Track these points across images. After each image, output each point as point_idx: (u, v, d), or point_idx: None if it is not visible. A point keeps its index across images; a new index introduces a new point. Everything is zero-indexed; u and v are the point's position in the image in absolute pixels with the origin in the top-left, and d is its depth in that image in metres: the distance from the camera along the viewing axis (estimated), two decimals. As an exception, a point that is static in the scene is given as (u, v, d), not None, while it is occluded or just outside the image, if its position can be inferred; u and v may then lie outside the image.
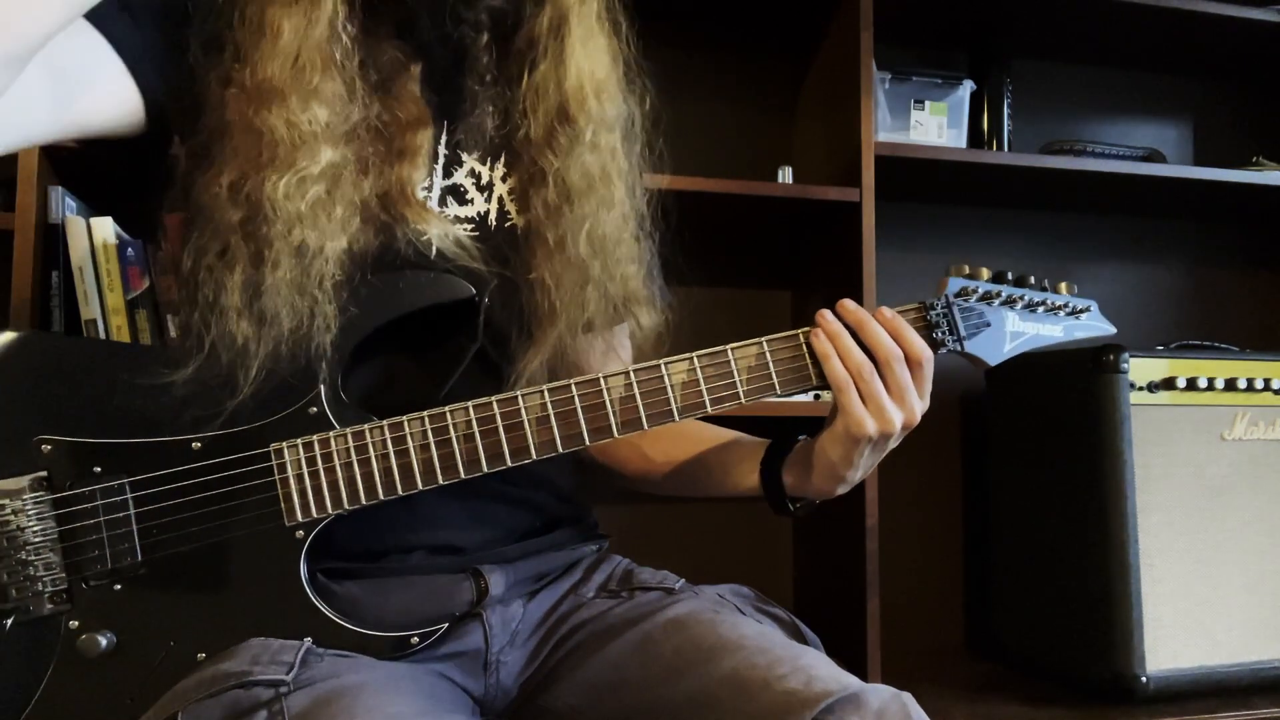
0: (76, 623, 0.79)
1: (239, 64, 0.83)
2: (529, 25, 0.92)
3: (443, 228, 0.88)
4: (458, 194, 0.93)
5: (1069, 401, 1.68)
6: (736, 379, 0.87)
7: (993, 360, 0.92)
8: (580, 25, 0.93)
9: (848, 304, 0.87)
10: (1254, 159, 1.97)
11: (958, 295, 0.92)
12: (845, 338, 0.85)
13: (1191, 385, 1.64)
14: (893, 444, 0.88)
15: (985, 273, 0.93)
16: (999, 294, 0.93)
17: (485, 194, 0.94)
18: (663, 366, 0.86)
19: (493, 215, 0.94)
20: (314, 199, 0.81)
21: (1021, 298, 0.93)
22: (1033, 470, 1.78)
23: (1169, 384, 1.63)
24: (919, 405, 0.86)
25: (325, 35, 0.84)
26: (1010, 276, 0.94)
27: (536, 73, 0.92)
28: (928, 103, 1.82)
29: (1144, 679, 1.56)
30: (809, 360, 0.87)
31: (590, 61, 0.93)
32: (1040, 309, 0.94)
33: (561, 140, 0.92)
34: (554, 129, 0.92)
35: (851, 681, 0.76)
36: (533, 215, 0.93)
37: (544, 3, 0.92)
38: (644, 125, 0.99)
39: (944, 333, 0.90)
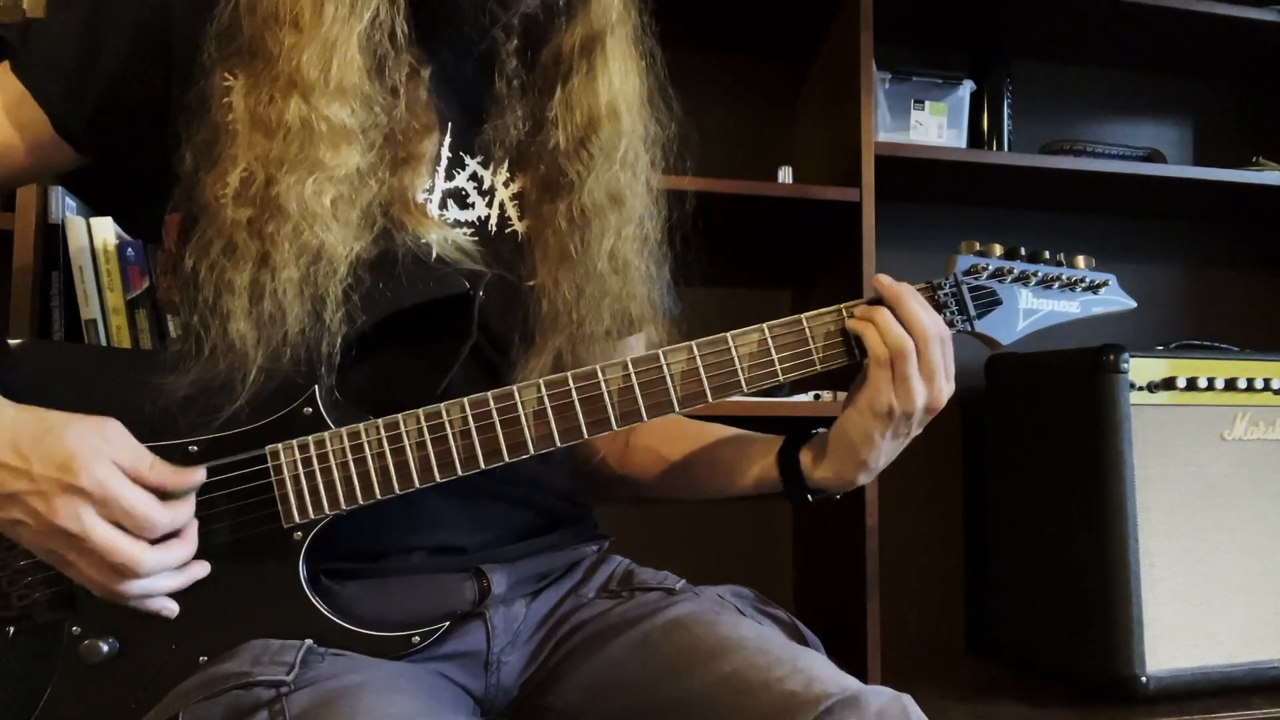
0: (78, 628, 0.79)
1: (255, 55, 0.82)
2: (558, 39, 0.93)
3: (442, 233, 0.88)
4: (459, 197, 0.93)
5: (1069, 401, 1.67)
6: (738, 367, 0.86)
7: (1006, 340, 0.90)
8: (617, 46, 0.94)
9: (883, 279, 0.87)
10: (1254, 159, 1.97)
11: (967, 273, 0.89)
12: (885, 313, 0.86)
13: (1191, 385, 1.64)
14: (916, 429, 0.88)
15: (997, 249, 0.90)
16: (1011, 270, 0.89)
17: (487, 198, 0.94)
18: (661, 356, 0.85)
19: (493, 220, 0.94)
20: (328, 199, 0.80)
21: (1035, 274, 0.90)
22: (1033, 470, 1.77)
23: (1169, 384, 1.63)
24: (943, 389, 0.86)
25: (366, 31, 0.83)
26: (1023, 252, 0.90)
27: (570, 86, 0.93)
28: (928, 103, 1.82)
29: (1144, 679, 1.56)
30: (812, 346, 0.87)
31: (624, 82, 0.94)
32: (1055, 285, 0.91)
33: (592, 154, 0.92)
34: (584, 142, 0.92)
35: (851, 683, 0.76)
36: (552, 225, 0.92)
37: (576, 20, 0.92)
38: (669, 149, 0.99)
39: (953, 313, 0.88)
